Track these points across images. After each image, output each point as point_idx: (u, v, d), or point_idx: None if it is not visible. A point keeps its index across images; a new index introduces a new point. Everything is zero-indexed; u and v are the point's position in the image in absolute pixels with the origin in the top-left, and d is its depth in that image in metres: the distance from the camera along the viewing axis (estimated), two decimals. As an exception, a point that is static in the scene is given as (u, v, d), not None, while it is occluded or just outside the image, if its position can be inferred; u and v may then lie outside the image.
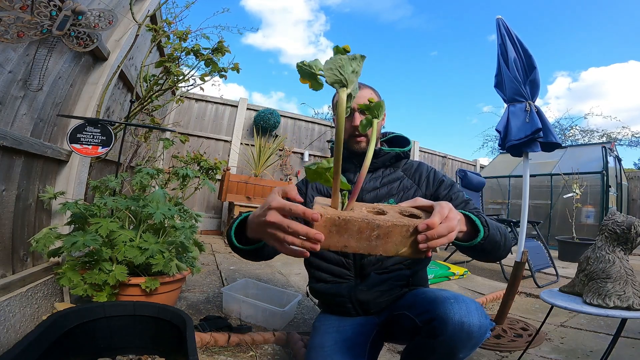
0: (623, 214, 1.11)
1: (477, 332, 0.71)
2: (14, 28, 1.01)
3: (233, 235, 0.82)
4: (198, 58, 1.82)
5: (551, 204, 5.34)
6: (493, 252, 0.82)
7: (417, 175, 1.12)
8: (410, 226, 0.55)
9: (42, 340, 0.81)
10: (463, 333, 0.70)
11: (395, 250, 0.56)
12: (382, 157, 1.12)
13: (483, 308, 0.77)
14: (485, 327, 0.73)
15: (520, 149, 1.73)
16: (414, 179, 1.11)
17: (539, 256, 3.01)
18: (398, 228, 0.54)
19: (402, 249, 0.56)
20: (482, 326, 0.72)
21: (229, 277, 2.28)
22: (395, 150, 1.13)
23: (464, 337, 0.71)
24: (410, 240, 0.55)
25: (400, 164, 1.15)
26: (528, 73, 1.72)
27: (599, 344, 1.54)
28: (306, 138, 5.32)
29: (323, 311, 1.14)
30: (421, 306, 0.82)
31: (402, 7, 37.88)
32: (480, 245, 0.74)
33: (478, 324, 0.71)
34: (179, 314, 1.00)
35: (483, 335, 0.73)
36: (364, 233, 0.54)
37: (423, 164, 1.17)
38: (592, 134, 11.02)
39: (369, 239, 0.55)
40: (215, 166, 1.89)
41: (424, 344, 0.78)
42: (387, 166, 1.14)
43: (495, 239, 0.78)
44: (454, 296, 0.77)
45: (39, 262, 1.32)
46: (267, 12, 35.47)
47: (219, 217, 4.50)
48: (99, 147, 1.38)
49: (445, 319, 0.72)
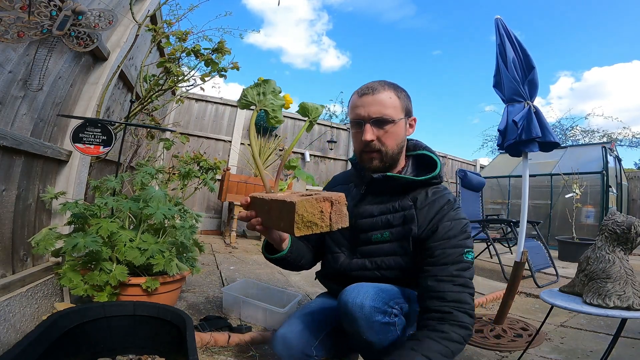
0: (623, 214, 1.11)
1: (359, 311, 0.78)
2: (14, 28, 1.01)
3: (264, 249, 1.00)
4: (198, 58, 1.83)
5: (551, 204, 5.34)
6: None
7: (425, 210, 0.90)
8: (280, 201, 0.61)
9: (42, 340, 0.81)
10: (348, 314, 0.80)
11: (277, 224, 0.65)
12: (391, 184, 0.94)
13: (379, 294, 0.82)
14: (368, 308, 0.78)
15: (518, 149, 1.73)
16: (421, 212, 0.90)
17: (539, 256, 3.01)
18: (275, 203, 0.63)
19: (280, 223, 0.62)
20: (364, 307, 0.78)
21: (229, 277, 2.28)
22: (407, 179, 0.93)
23: (349, 317, 0.80)
24: (283, 215, 0.60)
25: (413, 192, 0.94)
26: (526, 73, 1.72)
27: (599, 344, 1.54)
28: (306, 138, 5.32)
29: None
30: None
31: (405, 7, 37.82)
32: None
33: (360, 304, 0.79)
34: (179, 314, 1.00)
35: (369, 316, 0.78)
36: (263, 207, 0.69)
37: (444, 197, 0.92)
38: (592, 134, 11.03)
39: (265, 212, 0.68)
40: (215, 166, 1.89)
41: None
42: (397, 194, 0.96)
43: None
44: (361, 284, 0.85)
45: (39, 262, 1.32)
46: (268, 11, 35.45)
47: (219, 217, 4.51)
48: (101, 146, 1.38)
49: (340, 299, 0.84)
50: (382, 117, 0.89)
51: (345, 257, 1.01)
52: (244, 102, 0.71)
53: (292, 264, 1.01)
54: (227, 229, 3.93)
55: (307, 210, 0.56)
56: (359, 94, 0.93)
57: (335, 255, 1.03)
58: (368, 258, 0.96)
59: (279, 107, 0.72)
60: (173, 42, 1.89)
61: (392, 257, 0.93)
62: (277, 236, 0.89)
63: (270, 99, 0.71)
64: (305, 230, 0.56)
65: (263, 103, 0.70)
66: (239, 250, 3.34)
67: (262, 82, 0.71)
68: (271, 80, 0.71)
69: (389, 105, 0.90)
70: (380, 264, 0.94)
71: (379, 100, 0.89)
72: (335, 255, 1.03)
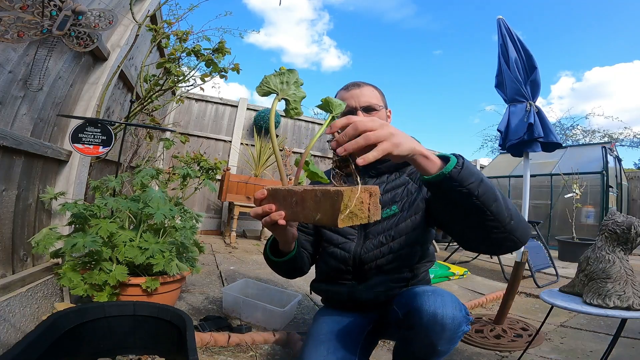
0: (623, 214, 1.11)
1: (451, 323, 0.72)
2: (14, 28, 1.01)
3: (269, 251, 0.96)
4: (199, 58, 1.83)
5: (551, 204, 5.34)
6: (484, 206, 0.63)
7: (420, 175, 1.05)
8: (318, 191, 0.57)
9: (42, 340, 0.81)
10: (437, 324, 0.72)
11: (312, 216, 0.59)
12: (386, 163, 1.06)
13: (461, 303, 0.78)
14: (459, 319, 0.73)
15: (520, 149, 1.73)
16: (418, 182, 1.04)
17: (539, 256, 3.01)
18: (309, 193, 0.59)
19: (317, 215, 0.58)
20: (455, 318, 0.73)
21: (229, 277, 2.28)
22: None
23: (438, 328, 0.72)
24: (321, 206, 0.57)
25: (406, 168, 1.08)
26: (529, 73, 1.72)
27: (599, 344, 1.54)
28: (306, 138, 5.32)
29: (324, 306, 1.16)
30: (405, 300, 0.84)
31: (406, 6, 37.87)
32: (451, 183, 0.61)
33: (451, 315, 0.72)
34: (179, 314, 1.00)
35: (458, 327, 0.73)
36: (287, 200, 0.64)
37: None
38: (593, 134, 11.03)
39: (291, 205, 0.63)
40: (215, 166, 1.89)
41: (404, 336, 0.80)
42: (392, 171, 1.08)
43: (486, 187, 0.64)
44: (433, 290, 0.78)
45: (39, 262, 1.32)
46: (269, 10, 35.39)
47: (219, 217, 4.50)
48: (100, 146, 1.38)
49: (420, 310, 0.74)
50: (371, 105, 1.02)
51: (357, 243, 1.01)
52: (265, 89, 0.68)
53: (297, 265, 0.99)
54: (227, 229, 3.93)
55: (350, 199, 0.54)
56: (346, 89, 1.06)
57: (344, 244, 1.03)
58: (382, 234, 0.99)
59: (300, 99, 0.70)
60: (173, 42, 1.89)
61: (403, 223, 0.99)
62: (291, 234, 0.85)
63: (293, 89, 0.68)
64: (347, 221, 0.54)
65: (285, 92, 0.68)
66: (239, 250, 3.34)
67: (287, 72, 0.68)
68: (295, 70, 0.69)
69: (373, 96, 1.04)
70: (395, 234, 0.98)
71: (365, 92, 1.03)
72: (344, 244, 1.03)
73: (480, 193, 0.63)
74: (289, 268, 0.99)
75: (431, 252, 1.08)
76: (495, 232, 0.67)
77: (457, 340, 0.77)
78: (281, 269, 0.99)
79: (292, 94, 0.68)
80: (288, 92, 0.68)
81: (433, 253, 1.10)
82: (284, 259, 0.93)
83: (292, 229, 0.83)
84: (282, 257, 0.93)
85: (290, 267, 0.98)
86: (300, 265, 1.01)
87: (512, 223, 0.67)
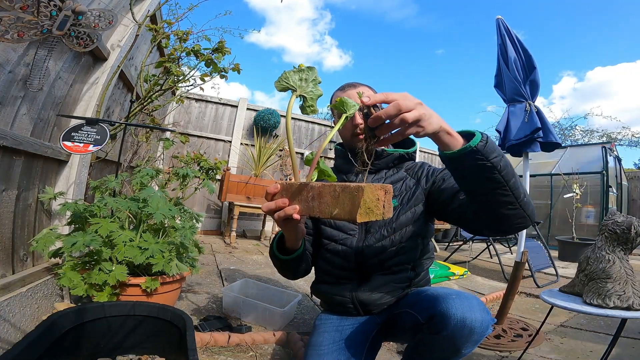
0: (623, 214, 1.11)
1: (479, 327, 0.71)
2: (14, 28, 1.01)
3: (275, 248, 0.94)
4: (198, 58, 1.82)
5: (551, 204, 5.34)
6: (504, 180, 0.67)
7: (420, 172, 1.07)
8: (337, 186, 0.58)
9: (42, 340, 0.81)
10: (465, 328, 0.71)
11: (329, 210, 0.60)
12: (385, 159, 1.08)
13: (484, 304, 0.77)
14: (487, 322, 0.73)
15: (520, 149, 1.73)
16: (416, 177, 1.07)
17: (539, 256, 3.01)
18: (327, 188, 0.60)
19: (335, 210, 0.58)
20: (484, 321, 0.72)
21: (229, 277, 2.28)
22: (399, 152, 1.09)
23: (466, 332, 0.71)
24: (340, 201, 0.58)
25: (403, 164, 1.11)
26: (528, 73, 1.72)
27: (599, 344, 1.54)
28: (306, 138, 5.32)
29: (324, 310, 1.14)
30: (424, 303, 0.82)
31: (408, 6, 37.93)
32: (475, 156, 0.64)
33: (480, 319, 0.72)
34: (179, 314, 1.00)
35: (485, 331, 0.73)
36: (302, 194, 0.64)
37: (426, 163, 1.13)
38: (592, 134, 11.03)
39: (307, 200, 0.63)
40: (215, 166, 1.89)
41: (427, 340, 0.78)
42: (390, 167, 1.10)
43: (507, 162, 0.68)
44: (456, 293, 0.78)
45: (39, 262, 1.32)
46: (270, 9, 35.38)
47: (219, 217, 4.50)
48: (90, 145, 1.36)
49: (448, 314, 0.72)
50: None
51: (359, 238, 1.01)
52: (284, 84, 0.69)
53: (303, 263, 0.98)
54: (227, 229, 3.93)
55: (369, 196, 0.55)
56: (342, 89, 1.08)
57: (345, 240, 1.02)
58: (384, 227, 1.00)
59: (316, 97, 0.71)
60: (173, 42, 1.89)
61: (403, 215, 1.00)
62: (301, 230, 0.84)
63: (311, 86, 0.69)
64: (364, 216, 0.55)
65: (304, 89, 0.69)
66: (239, 250, 3.34)
67: (306, 69, 0.69)
68: (314, 68, 0.70)
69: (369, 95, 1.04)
70: (396, 227, 0.99)
71: (362, 91, 1.01)
72: (345, 240, 1.02)
73: (502, 167, 0.66)
74: (296, 266, 0.97)
75: (431, 248, 1.09)
76: (510, 207, 0.70)
77: (480, 342, 0.77)
78: (288, 267, 0.97)
79: (310, 91, 0.69)
80: (306, 89, 0.69)
81: (432, 250, 1.11)
82: (292, 257, 0.91)
83: (302, 225, 0.82)
84: (290, 255, 0.91)
85: (297, 265, 0.96)
86: (306, 263, 1.00)
87: (525, 199, 0.71)
